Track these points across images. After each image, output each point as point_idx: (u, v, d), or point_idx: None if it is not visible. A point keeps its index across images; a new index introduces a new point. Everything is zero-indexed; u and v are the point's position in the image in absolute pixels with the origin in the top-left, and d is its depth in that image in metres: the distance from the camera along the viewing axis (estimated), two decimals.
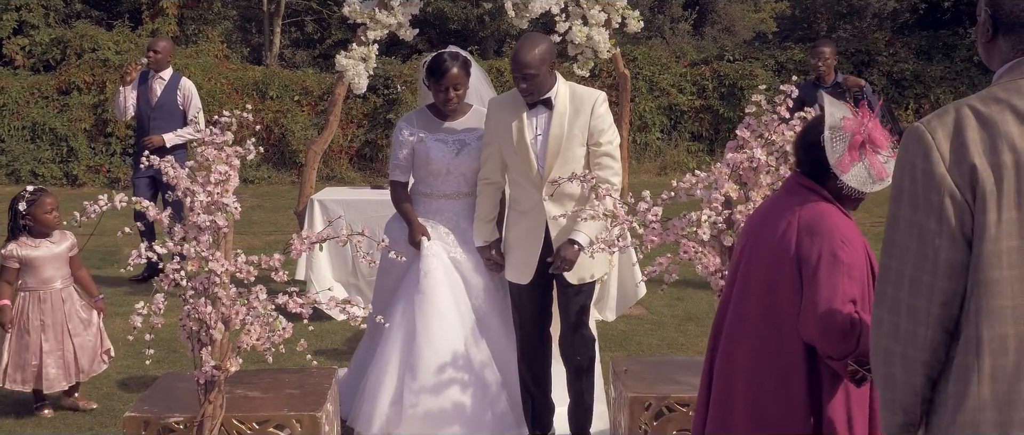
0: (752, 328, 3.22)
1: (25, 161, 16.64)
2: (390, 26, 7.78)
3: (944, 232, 2.31)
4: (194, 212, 4.03)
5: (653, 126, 17.31)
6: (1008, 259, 2.26)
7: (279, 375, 4.70)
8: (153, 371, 6.13)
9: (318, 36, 24.98)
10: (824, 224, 3.12)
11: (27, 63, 18.36)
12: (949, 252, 2.31)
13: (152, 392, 4.53)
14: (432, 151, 5.21)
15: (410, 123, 5.31)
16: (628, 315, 7.78)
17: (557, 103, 4.82)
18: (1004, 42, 2.42)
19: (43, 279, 5.71)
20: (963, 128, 2.31)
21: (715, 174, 4.22)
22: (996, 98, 2.33)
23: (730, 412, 3.26)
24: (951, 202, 2.30)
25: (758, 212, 3.38)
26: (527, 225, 4.90)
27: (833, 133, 3.15)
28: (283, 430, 4.16)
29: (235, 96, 16.97)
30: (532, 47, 4.75)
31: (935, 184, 2.31)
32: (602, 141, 4.85)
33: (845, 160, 3.12)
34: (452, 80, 5.12)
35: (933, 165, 2.32)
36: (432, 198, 5.28)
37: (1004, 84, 2.36)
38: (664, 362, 5.07)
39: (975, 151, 2.28)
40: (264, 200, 14.56)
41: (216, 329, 4.00)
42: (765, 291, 3.19)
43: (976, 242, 2.29)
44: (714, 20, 28.96)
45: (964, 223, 2.30)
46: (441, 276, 5.05)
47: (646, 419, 4.31)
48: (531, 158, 4.82)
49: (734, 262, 3.39)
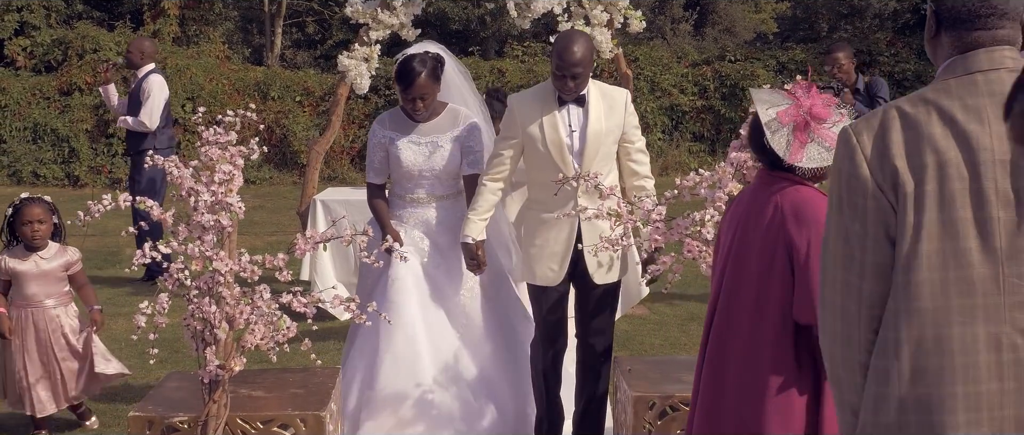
0: (746, 317, 3.23)
1: (27, 162, 16.65)
2: (392, 26, 7.79)
3: (868, 234, 2.30)
4: (198, 212, 4.03)
5: (655, 126, 17.31)
6: (929, 261, 2.24)
7: (283, 375, 4.70)
8: (156, 371, 6.14)
9: (319, 37, 24.99)
10: (808, 210, 3.15)
11: (28, 64, 18.38)
12: (874, 254, 2.30)
13: (156, 392, 4.53)
14: (403, 153, 5.08)
15: (383, 125, 5.20)
16: (631, 315, 7.79)
17: (591, 100, 4.73)
18: (946, 38, 2.40)
19: (27, 296, 5.32)
20: (887, 130, 2.30)
21: (719, 173, 4.22)
22: (924, 99, 2.32)
23: (722, 397, 3.27)
24: (874, 204, 2.29)
25: (738, 205, 3.40)
26: (560, 226, 4.75)
27: (771, 130, 3.20)
28: (288, 429, 4.16)
29: (236, 97, 16.98)
30: (579, 44, 4.61)
31: (859, 186, 2.31)
32: (635, 139, 4.83)
33: (794, 149, 3.17)
34: (419, 90, 4.97)
35: (857, 167, 2.32)
36: (405, 201, 5.18)
37: (936, 84, 2.35)
38: (667, 361, 5.07)
39: (897, 153, 2.27)
40: (266, 201, 14.57)
41: (220, 328, 4.00)
42: (757, 279, 3.21)
43: (898, 243, 2.28)
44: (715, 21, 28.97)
45: (888, 225, 2.29)
46: (409, 284, 4.95)
47: (650, 418, 4.31)
48: (566, 156, 4.70)
49: (720, 257, 3.40)
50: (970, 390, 2.21)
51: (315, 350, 4.09)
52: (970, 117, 2.25)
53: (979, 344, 2.21)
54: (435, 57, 5.07)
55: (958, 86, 2.30)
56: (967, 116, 2.25)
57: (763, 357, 3.18)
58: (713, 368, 3.31)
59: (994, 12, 2.34)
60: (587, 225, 4.71)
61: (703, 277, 4.86)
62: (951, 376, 2.22)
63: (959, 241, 2.23)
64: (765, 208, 3.24)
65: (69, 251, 5.36)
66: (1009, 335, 2.21)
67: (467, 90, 5.57)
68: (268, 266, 4.07)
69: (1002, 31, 2.34)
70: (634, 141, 4.84)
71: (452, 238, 5.10)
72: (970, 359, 2.21)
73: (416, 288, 4.97)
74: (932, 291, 2.24)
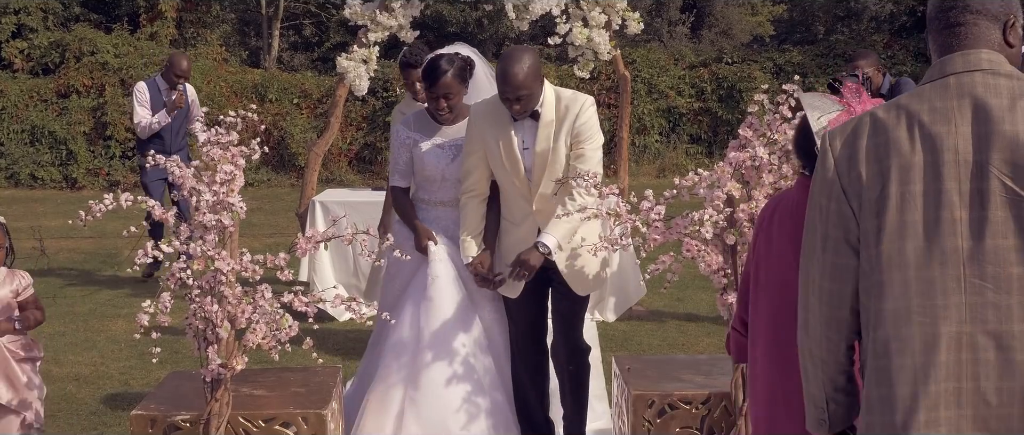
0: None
1: (24, 164, 16.67)
2: (391, 28, 7.82)
3: (829, 236, 2.37)
4: (200, 212, 4.05)
5: (652, 128, 17.35)
6: (891, 262, 2.28)
7: (285, 373, 4.72)
8: (156, 372, 6.16)
9: (316, 39, 25.03)
10: None
11: (26, 66, 18.40)
12: (834, 255, 2.36)
13: (158, 391, 4.55)
14: (427, 157, 4.94)
15: (408, 125, 5.05)
16: (629, 315, 7.81)
17: (544, 113, 4.56)
18: (932, 44, 2.44)
19: None
20: (858, 135, 2.35)
21: (718, 173, 4.24)
22: (898, 104, 2.35)
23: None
24: (837, 208, 2.35)
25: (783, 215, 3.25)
26: (518, 237, 4.69)
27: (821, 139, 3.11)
28: (289, 428, 4.18)
29: (234, 99, 17.01)
30: (520, 64, 4.42)
31: (826, 189, 2.38)
32: (585, 146, 4.57)
33: None
34: (443, 88, 4.81)
35: (827, 171, 2.38)
36: (429, 205, 5.03)
37: (915, 90, 2.39)
38: (666, 360, 5.09)
39: (862, 158, 2.32)
40: (264, 202, 14.59)
41: (222, 327, 4.01)
42: None
43: (863, 248, 2.32)
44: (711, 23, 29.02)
45: (848, 230, 2.35)
46: (449, 282, 4.84)
47: (649, 416, 4.33)
48: (521, 171, 4.60)
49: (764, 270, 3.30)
50: (930, 389, 2.22)
51: (315, 349, 4.11)
52: (937, 119, 2.28)
53: (940, 343, 2.23)
54: (465, 59, 4.91)
55: (932, 90, 2.33)
56: (934, 118, 2.28)
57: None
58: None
59: (966, 9, 2.36)
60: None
61: (702, 277, 4.88)
62: (911, 376, 2.24)
63: (921, 242, 2.25)
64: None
65: (18, 274, 4.69)
66: (970, 335, 2.22)
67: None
68: (270, 265, 4.09)
69: (977, 29, 2.36)
70: (584, 146, 4.58)
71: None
72: (930, 358, 2.23)
73: (455, 286, 4.84)
74: (894, 292, 2.27)
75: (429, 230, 4.93)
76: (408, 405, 4.71)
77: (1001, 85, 2.28)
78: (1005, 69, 2.32)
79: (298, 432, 4.18)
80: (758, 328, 3.24)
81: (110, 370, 6.64)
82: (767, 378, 3.21)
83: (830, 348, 2.42)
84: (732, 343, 3.60)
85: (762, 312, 3.23)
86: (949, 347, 2.22)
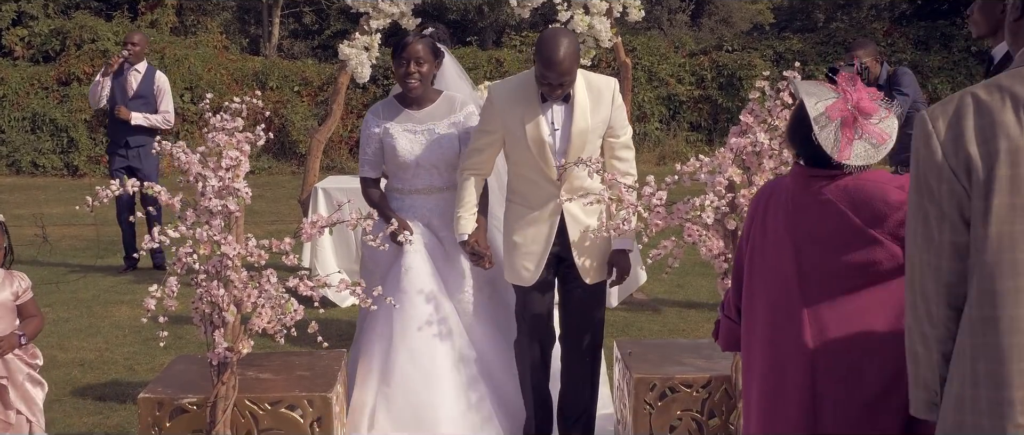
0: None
1: (25, 151, 16.71)
2: (392, 15, 7.83)
3: (945, 216, 2.38)
4: (206, 197, 4.09)
5: (652, 116, 17.39)
6: (998, 243, 2.31)
7: (290, 357, 4.76)
8: (161, 357, 6.20)
9: (317, 27, 25.03)
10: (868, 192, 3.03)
11: (26, 54, 18.43)
12: (950, 234, 2.38)
13: (165, 374, 4.59)
14: (397, 142, 4.84)
15: (376, 115, 4.94)
16: (630, 301, 7.86)
17: (577, 95, 4.49)
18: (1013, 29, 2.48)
19: None
20: (962, 116, 2.38)
21: (719, 158, 4.28)
22: (1000, 85, 2.38)
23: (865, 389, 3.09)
24: (948, 187, 2.37)
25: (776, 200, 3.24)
26: (540, 224, 4.59)
27: (819, 125, 3.06)
28: (295, 410, 4.23)
29: (235, 87, 17.03)
30: (564, 49, 4.34)
31: (934, 170, 2.39)
32: (621, 134, 4.59)
33: (843, 146, 3.06)
34: (413, 54, 4.74)
35: (932, 152, 2.39)
36: (403, 194, 4.92)
37: (1012, 70, 2.41)
38: (668, 345, 5.13)
39: (970, 138, 2.35)
40: (265, 190, 14.62)
41: (228, 311, 4.06)
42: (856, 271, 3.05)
43: (973, 226, 2.36)
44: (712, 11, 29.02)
45: (963, 207, 2.37)
46: (423, 273, 4.75)
47: (651, 399, 4.38)
48: (548, 155, 4.49)
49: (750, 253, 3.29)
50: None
51: (320, 333, 4.15)
52: None
53: None
54: (435, 35, 4.90)
55: None
56: None
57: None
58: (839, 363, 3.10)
59: None
60: (572, 224, 4.58)
61: (702, 264, 4.92)
62: (1019, 353, 2.29)
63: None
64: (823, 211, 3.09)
65: (17, 278, 4.32)
66: None
67: (463, 82, 5.39)
68: (275, 250, 4.13)
69: None
70: (619, 135, 4.60)
71: (453, 232, 4.89)
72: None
73: (430, 279, 4.77)
74: (999, 272, 2.31)
75: (403, 219, 4.81)
76: (380, 401, 4.65)
77: None
78: None
79: (303, 414, 4.23)
80: (755, 317, 3.25)
81: (114, 356, 6.68)
82: (762, 370, 3.22)
83: (951, 327, 2.43)
84: (722, 330, 3.55)
85: (759, 302, 3.24)
86: None
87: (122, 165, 9.25)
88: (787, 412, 3.14)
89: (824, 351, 3.06)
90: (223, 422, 4.09)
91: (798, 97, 3.20)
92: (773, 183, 3.35)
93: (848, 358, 3.04)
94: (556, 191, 4.53)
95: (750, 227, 3.33)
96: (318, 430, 4.23)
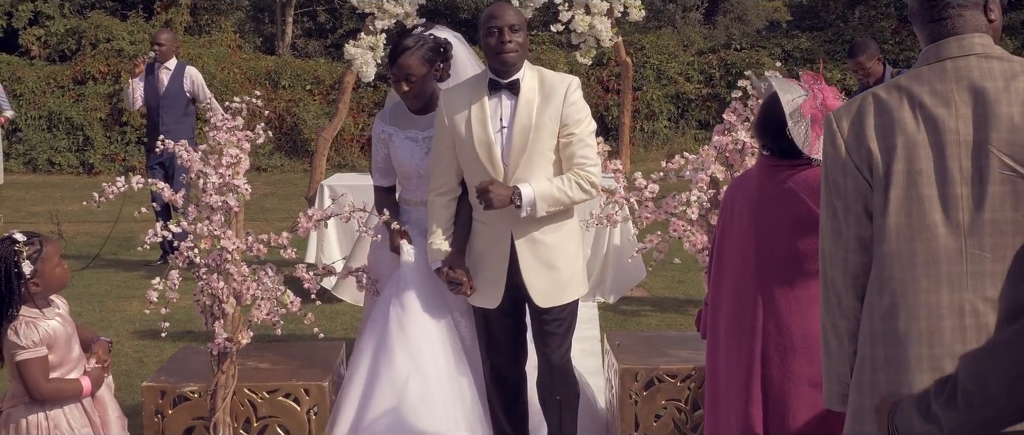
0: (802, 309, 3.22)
1: (42, 150, 16.92)
2: (397, 15, 7.99)
3: (850, 210, 2.55)
4: (207, 193, 4.25)
5: (660, 114, 17.49)
6: (897, 233, 2.47)
7: (289, 348, 4.93)
8: (169, 348, 6.37)
9: (330, 25, 25.17)
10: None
11: (43, 53, 18.65)
12: (856, 228, 2.54)
13: (169, 364, 4.77)
14: (401, 151, 4.47)
15: (383, 119, 4.58)
16: (630, 296, 7.98)
17: (523, 88, 4.05)
18: (918, 29, 2.63)
19: (73, 362, 3.65)
20: (864, 115, 2.55)
21: (703, 156, 4.43)
22: (898, 85, 2.54)
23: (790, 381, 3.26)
24: (853, 183, 2.53)
25: (744, 198, 3.41)
26: (490, 237, 4.15)
27: (793, 120, 3.25)
28: (291, 398, 4.39)
29: (247, 85, 17.22)
30: (509, 5, 4.08)
31: (839, 166, 2.56)
32: (577, 131, 4.06)
33: (812, 141, 3.24)
34: (402, 70, 4.35)
35: (837, 150, 2.56)
36: (409, 205, 4.55)
37: (912, 71, 2.58)
38: (656, 337, 5.27)
39: (871, 136, 2.51)
40: (277, 188, 14.79)
41: (228, 303, 4.22)
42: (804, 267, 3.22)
43: (874, 219, 2.51)
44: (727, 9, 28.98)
45: (867, 201, 2.53)
46: (419, 286, 4.33)
47: (636, 389, 4.52)
48: (496, 158, 4.05)
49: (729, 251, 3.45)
50: (935, 352, 2.43)
51: (318, 325, 4.31)
52: (937, 101, 2.47)
53: (943, 310, 2.43)
54: (436, 39, 4.45)
55: (929, 73, 2.52)
56: (935, 101, 2.48)
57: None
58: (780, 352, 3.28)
59: (949, 5, 2.55)
60: (524, 242, 4.11)
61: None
62: (917, 338, 2.45)
63: (925, 216, 2.45)
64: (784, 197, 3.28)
65: (62, 301, 3.77)
66: (972, 302, 2.42)
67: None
68: (273, 244, 4.29)
69: (962, 18, 2.54)
70: (574, 133, 4.07)
71: None
72: (934, 324, 2.43)
73: (427, 291, 4.35)
74: (900, 261, 2.47)
75: (404, 230, 4.46)
76: (369, 412, 4.24)
77: (995, 68, 2.48)
78: (996, 52, 2.52)
79: (300, 403, 4.39)
80: (722, 301, 3.41)
81: (124, 348, 6.85)
82: (727, 352, 3.38)
83: (858, 318, 2.57)
84: (703, 320, 3.74)
85: (726, 286, 3.40)
86: (952, 313, 2.42)
87: (156, 161, 9.31)
88: (739, 391, 3.30)
89: (775, 332, 3.22)
90: (223, 409, 4.26)
91: (771, 92, 3.37)
92: (742, 176, 3.53)
93: (795, 340, 3.19)
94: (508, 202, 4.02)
95: (720, 220, 3.49)
96: (314, 418, 4.40)
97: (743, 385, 3.27)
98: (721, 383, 3.41)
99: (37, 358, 3.50)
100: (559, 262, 4.12)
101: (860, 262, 2.55)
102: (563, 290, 4.14)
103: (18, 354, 3.49)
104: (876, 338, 2.49)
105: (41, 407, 3.53)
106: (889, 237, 2.48)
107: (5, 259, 3.49)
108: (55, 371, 3.56)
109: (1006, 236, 2.42)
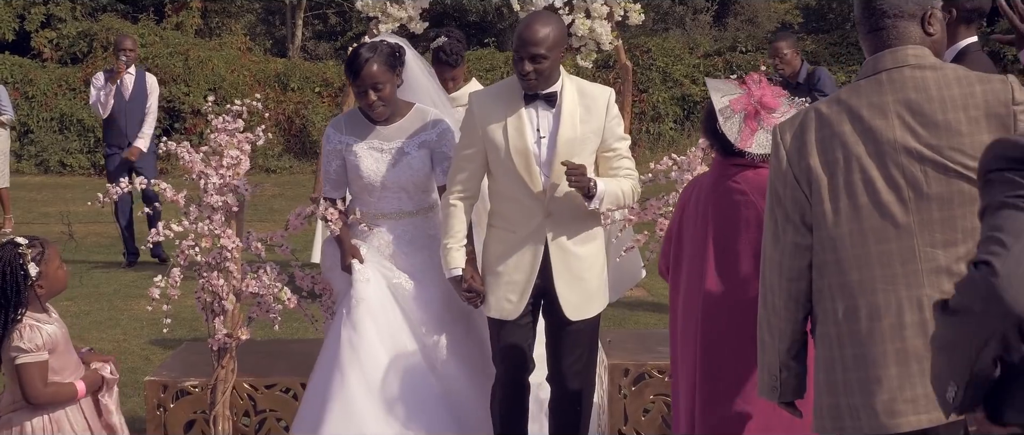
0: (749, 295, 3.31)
1: (53, 151, 17.09)
2: (401, 20, 8.09)
3: (789, 218, 2.70)
4: (207, 193, 4.39)
5: (666, 116, 17.58)
6: (851, 240, 2.61)
7: (286, 343, 5.07)
8: (174, 345, 6.50)
9: (340, 28, 25.32)
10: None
11: (55, 56, 18.82)
12: (793, 235, 2.70)
13: (171, 359, 4.91)
14: (362, 161, 4.30)
15: (338, 128, 4.40)
16: (629, 296, 8.07)
17: (565, 100, 3.98)
18: (862, 43, 2.76)
19: (72, 366, 3.69)
20: (806, 129, 2.69)
21: (689, 158, 4.55)
22: (838, 99, 2.68)
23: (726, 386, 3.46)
24: (792, 194, 2.69)
25: (698, 196, 3.61)
26: (521, 249, 4.03)
27: (723, 117, 3.44)
28: (289, 393, 4.52)
29: (257, 88, 17.35)
30: (543, 24, 3.87)
31: (781, 177, 2.71)
32: (618, 146, 4.08)
33: (745, 135, 3.42)
34: (369, 79, 4.20)
35: (780, 161, 2.72)
36: (368, 218, 4.39)
37: (851, 85, 2.71)
38: (647, 334, 5.40)
39: (811, 151, 2.66)
40: (285, 189, 14.93)
41: (228, 300, 4.35)
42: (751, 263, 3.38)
43: (816, 229, 2.66)
44: (737, 11, 28.94)
45: (804, 212, 2.68)
46: (374, 306, 4.22)
47: (625, 385, 4.64)
48: (533, 167, 3.96)
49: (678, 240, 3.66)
50: (900, 347, 2.56)
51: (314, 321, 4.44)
52: (875, 113, 2.61)
53: (904, 306, 2.57)
54: (391, 45, 4.33)
55: (867, 86, 2.66)
56: (872, 113, 2.62)
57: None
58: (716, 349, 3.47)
59: (884, 15, 2.67)
60: (557, 251, 4.03)
61: None
62: (881, 336, 2.58)
63: (874, 221, 2.59)
64: (732, 196, 3.48)
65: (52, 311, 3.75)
66: (929, 296, 2.54)
67: (434, 91, 4.73)
68: (269, 242, 4.42)
69: (897, 30, 2.67)
70: (616, 148, 4.09)
71: (424, 260, 4.37)
72: (899, 320, 2.57)
73: (381, 309, 4.25)
74: (858, 265, 2.60)
75: (355, 247, 4.33)
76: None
77: (928, 78, 2.61)
78: (929, 61, 2.63)
79: (297, 396, 4.52)
80: (678, 288, 3.58)
81: (131, 346, 6.99)
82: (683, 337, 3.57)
83: (789, 318, 2.74)
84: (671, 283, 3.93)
85: (682, 273, 3.55)
86: (912, 309, 2.55)
87: (124, 167, 9.32)
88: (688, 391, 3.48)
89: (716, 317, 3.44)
90: (222, 403, 4.39)
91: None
92: (698, 177, 3.69)
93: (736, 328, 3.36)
94: (541, 211, 4.01)
95: (675, 217, 3.69)
96: None
97: (693, 385, 3.45)
98: (681, 388, 3.58)
99: (38, 362, 3.50)
100: (588, 273, 4.08)
101: (795, 267, 2.70)
102: (590, 302, 4.10)
103: (20, 357, 3.50)
104: (843, 340, 2.62)
105: (42, 410, 3.56)
106: (841, 245, 2.62)
107: (11, 262, 3.50)
108: (55, 376, 3.57)
109: (956, 232, 2.55)
